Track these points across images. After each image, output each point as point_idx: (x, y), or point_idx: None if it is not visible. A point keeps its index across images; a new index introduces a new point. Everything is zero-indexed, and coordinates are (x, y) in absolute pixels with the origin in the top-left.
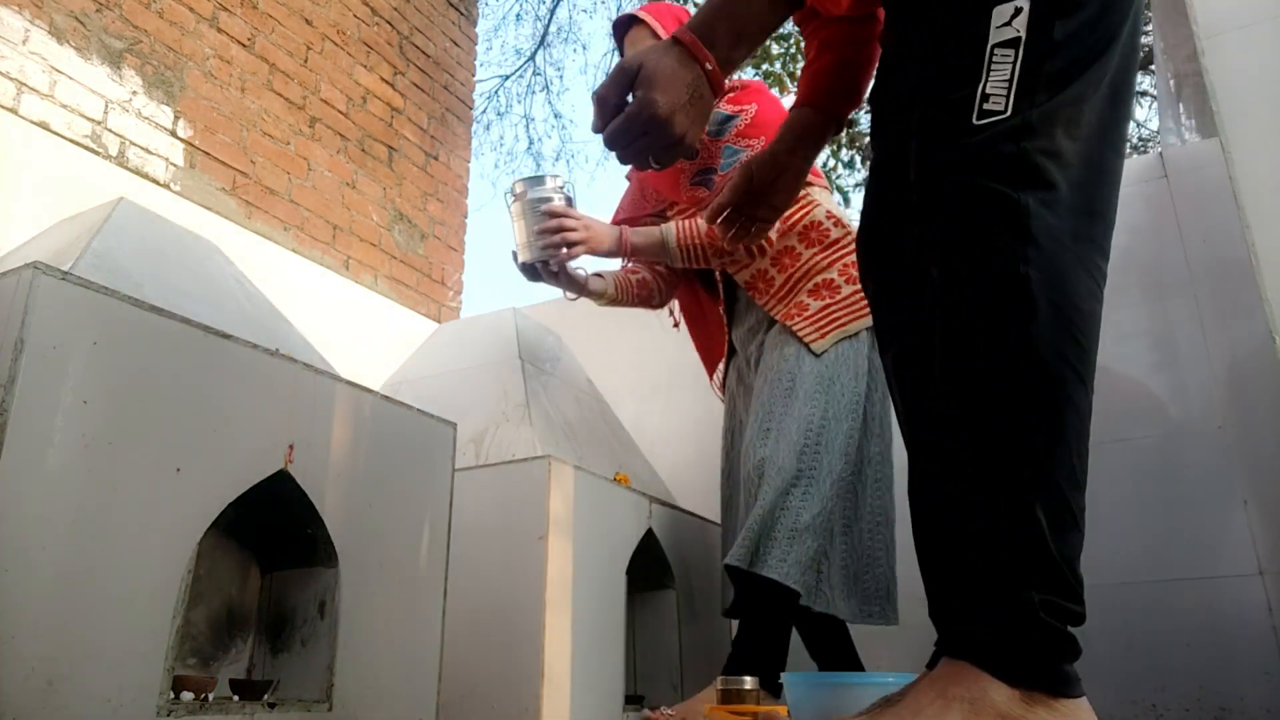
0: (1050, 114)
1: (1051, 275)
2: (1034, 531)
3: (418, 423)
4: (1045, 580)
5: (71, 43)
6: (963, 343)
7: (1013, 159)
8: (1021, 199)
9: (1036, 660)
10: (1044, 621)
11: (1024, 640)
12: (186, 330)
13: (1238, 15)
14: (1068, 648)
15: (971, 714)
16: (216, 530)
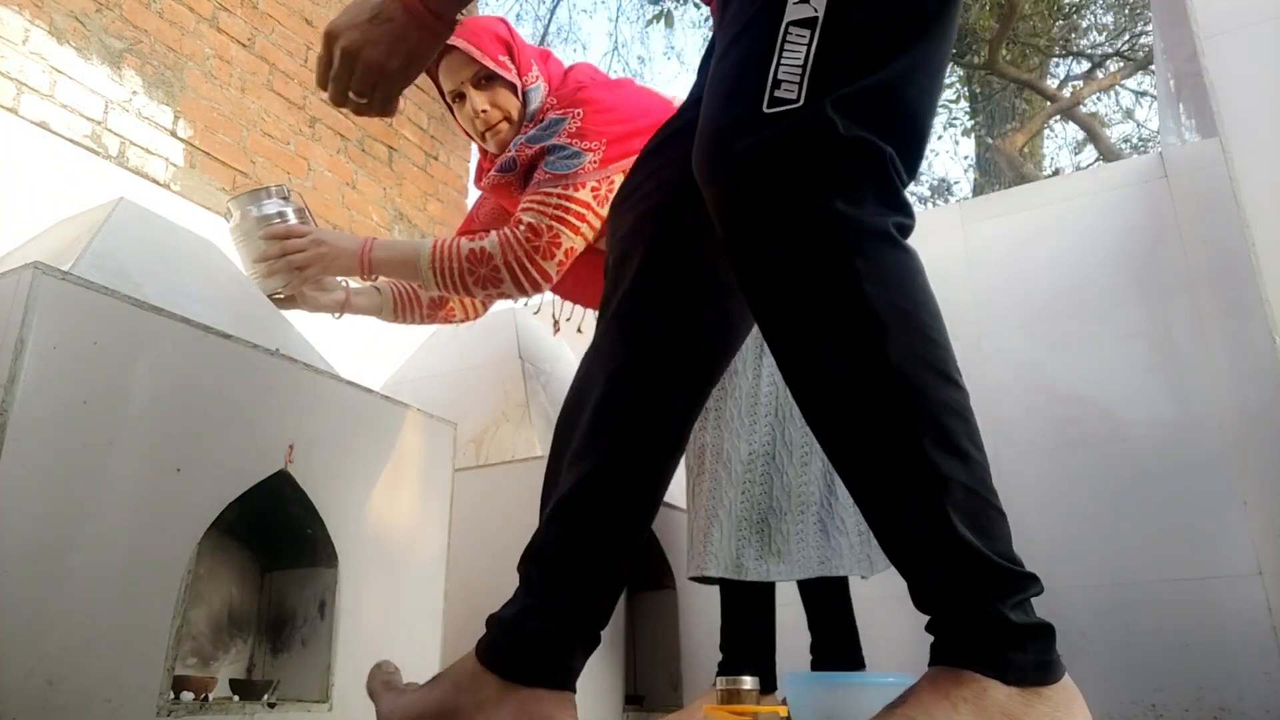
0: (848, 103)
1: (887, 281)
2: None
3: (418, 423)
4: (998, 586)
5: (71, 43)
6: (819, 379)
7: (811, 157)
8: (829, 205)
9: (1023, 659)
10: (1016, 623)
11: (1006, 644)
12: (186, 330)
13: (1238, 15)
14: (1043, 635)
15: (979, 714)
16: (216, 530)
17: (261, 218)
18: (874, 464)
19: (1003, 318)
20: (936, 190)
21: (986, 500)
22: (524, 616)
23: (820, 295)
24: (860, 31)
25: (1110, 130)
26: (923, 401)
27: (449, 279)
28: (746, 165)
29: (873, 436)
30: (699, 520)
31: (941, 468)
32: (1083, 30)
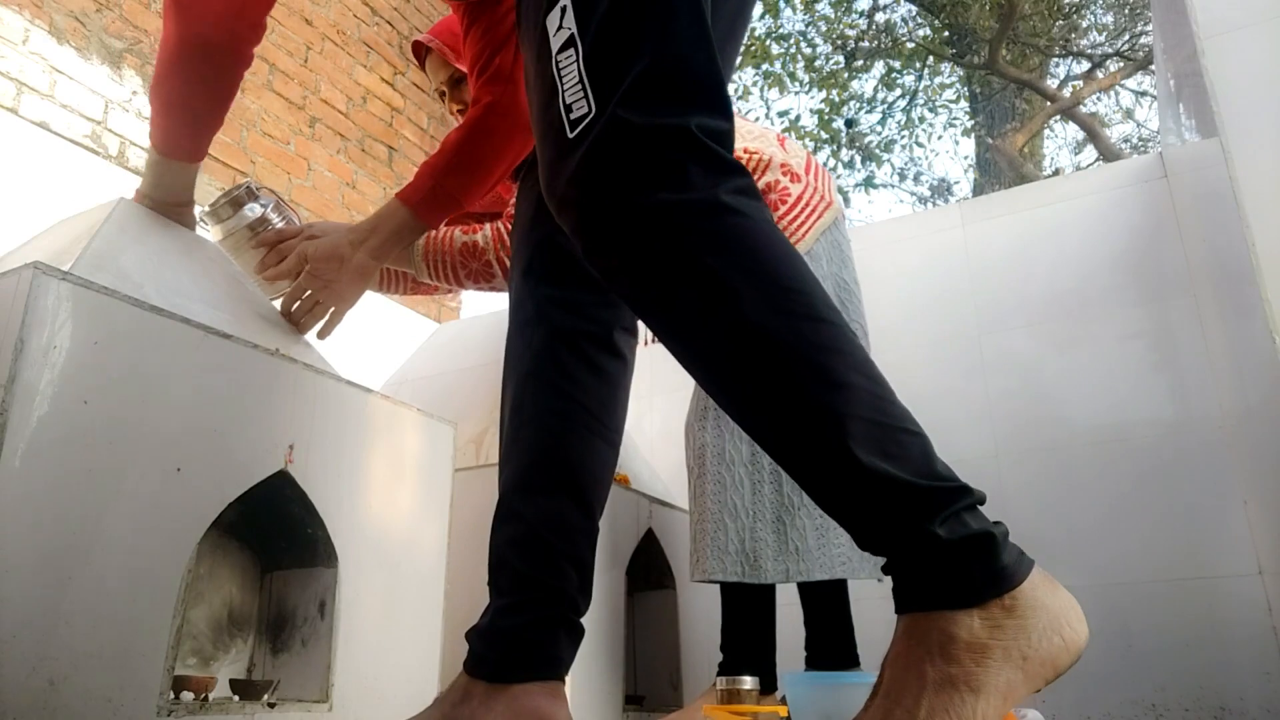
0: (632, 96)
1: (729, 248)
2: (879, 475)
3: (418, 423)
4: (921, 506)
5: (71, 43)
6: (704, 361)
7: (620, 161)
8: (652, 199)
9: (971, 575)
10: (950, 540)
11: (947, 565)
12: (186, 330)
13: (1238, 15)
14: (985, 543)
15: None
16: (216, 530)
17: (247, 227)
18: (774, 423)
19: (1003, 318)
20: (936, 190)
21: (890, 425)
22: (496, 617)
23: (673, 284)
24: (611, 26)
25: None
26: (796, 349)
27: (441, 270)
28: (572, 191)
29: (763, 397)
30: (705, 523)
31: (832, 406)
32: (1083, 30)
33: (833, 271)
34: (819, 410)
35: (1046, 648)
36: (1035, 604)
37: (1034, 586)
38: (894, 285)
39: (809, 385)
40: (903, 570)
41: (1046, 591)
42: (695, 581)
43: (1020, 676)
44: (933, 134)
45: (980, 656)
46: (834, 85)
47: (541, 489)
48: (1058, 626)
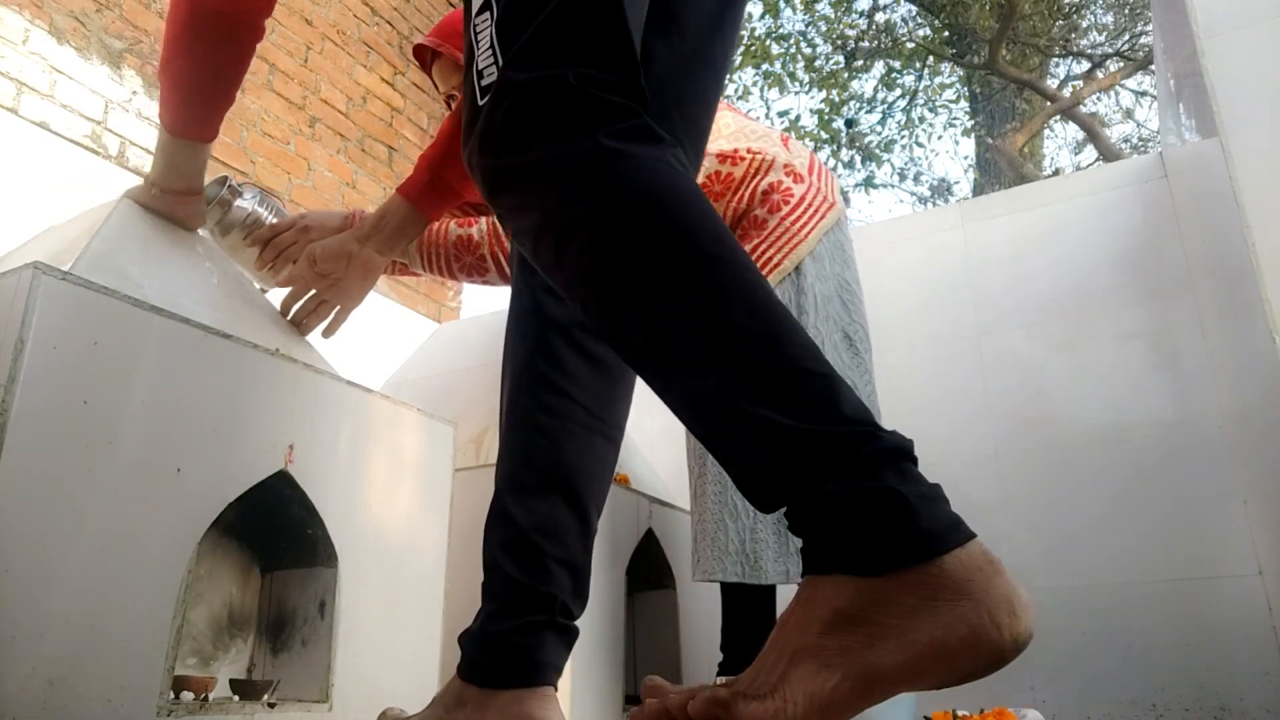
0: (525, 54)
1: (606, 190)
2: (770, 423)
3: (418, 423)
4: (809, 457)
5: (71, 43)
6: (595, 313)
7: (507, 121)
8: (532, 156)
9: (868, 540)
10: (837, 495)
11: (844, 527)
12: (186, 330)
13: (1238, 15)
14: (895, 500)
15: (817, 634)
16: (216, 530)
17: (240, 227)
18: (659, 372)
19: (1003, 318)
20: (936, 190)
21: (780, 367)
22: (487, 622)
23: (560, 238)
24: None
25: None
26: (674, 291)
27: (434, 262)
28: (473, 159)
29: (648, 347)
30: (706, 523)
31: (712, 347)
32: (1083, 30)
33: (835, 272)
34: (698, 352)
35: (949, 639)
36: (956, 585)
37: (962, 565)
38: (894, 285)
39: (687, 328)
40: (800, 528)
41: (981, 574)
42: (696, 581)
43: (898, 664)
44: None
45: (854, 631)
46: (834, 85)
47: (532, 489)
48: (976, 618)
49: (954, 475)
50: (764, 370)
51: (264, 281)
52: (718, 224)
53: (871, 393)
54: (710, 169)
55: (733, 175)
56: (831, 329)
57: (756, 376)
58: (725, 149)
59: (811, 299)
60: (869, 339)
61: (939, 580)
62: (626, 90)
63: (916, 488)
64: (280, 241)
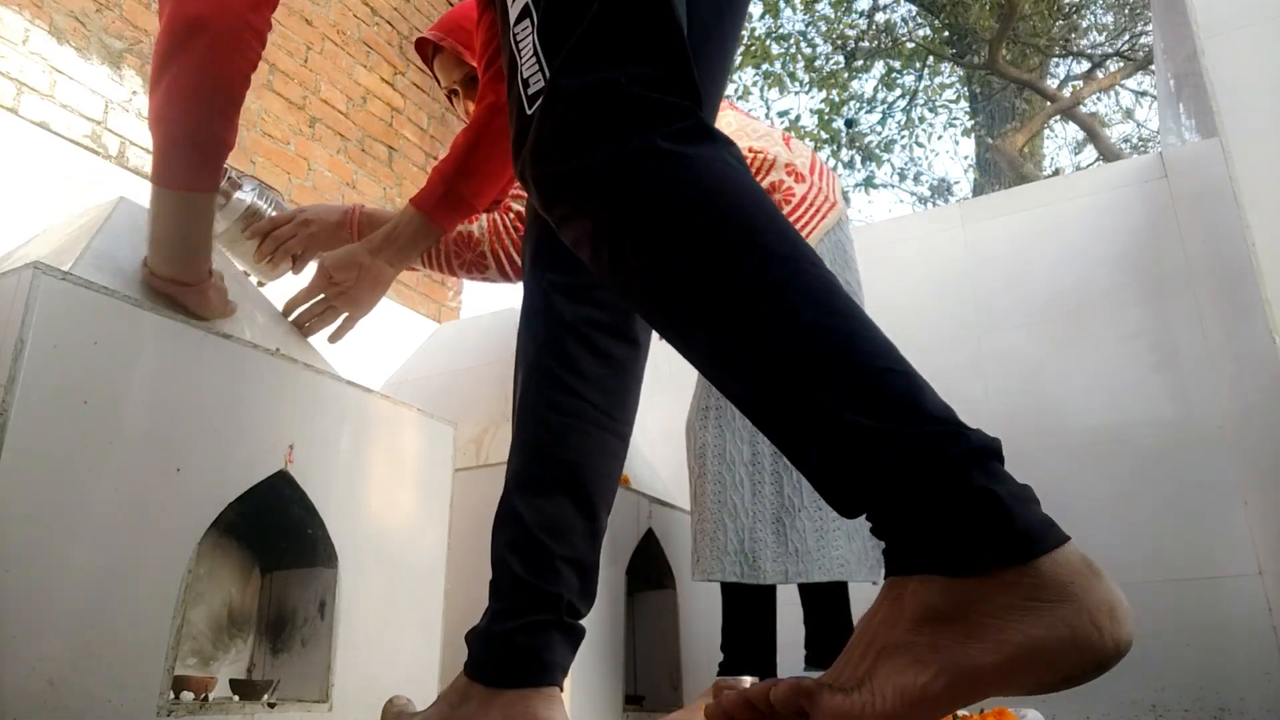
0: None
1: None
2: (859, 428)
3: (418, 423)
4: (910, 457)
5: (71, 43)
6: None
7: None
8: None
9: (964, 539)
10: (942, 499)
11: (938, 527)
12: (186, 330)
13: (1238, 15)
14: (989, 500)
15: (907, 631)
16: (216, 530)
17: (239, 220)
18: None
19: (1003, 318)
20: (936, 190)
21: (862, 365)
22: (492, 621)
23: (621, 243)
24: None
25: (1110, 130)
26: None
27: (435, 259)
28: (527, 169)
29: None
30: (705, 523)
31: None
32: (1083, 30)
33: (836, 272)
34: (771, 356)
35: (1050, 640)
36: (1057, 587)
37: (1060, 567)
38: (894, 285)
39: (756, 332)
40: (884, 531)
41: (1081, 577)
42: (695, 581)
43: (995, 664)
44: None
45: (949, 628)
46: (834, 85)
47: (539, 489)
48: (1077, 621)
49: None
50: (843, 372)
51: (262, 274)
52: (779, 221)
53: None
54: None
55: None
56: None
57: (835, 378)
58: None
59: None
60: None
61: (1038, 582)
62: (680, 88)
63: (1009, 487)
64: (280, 235)
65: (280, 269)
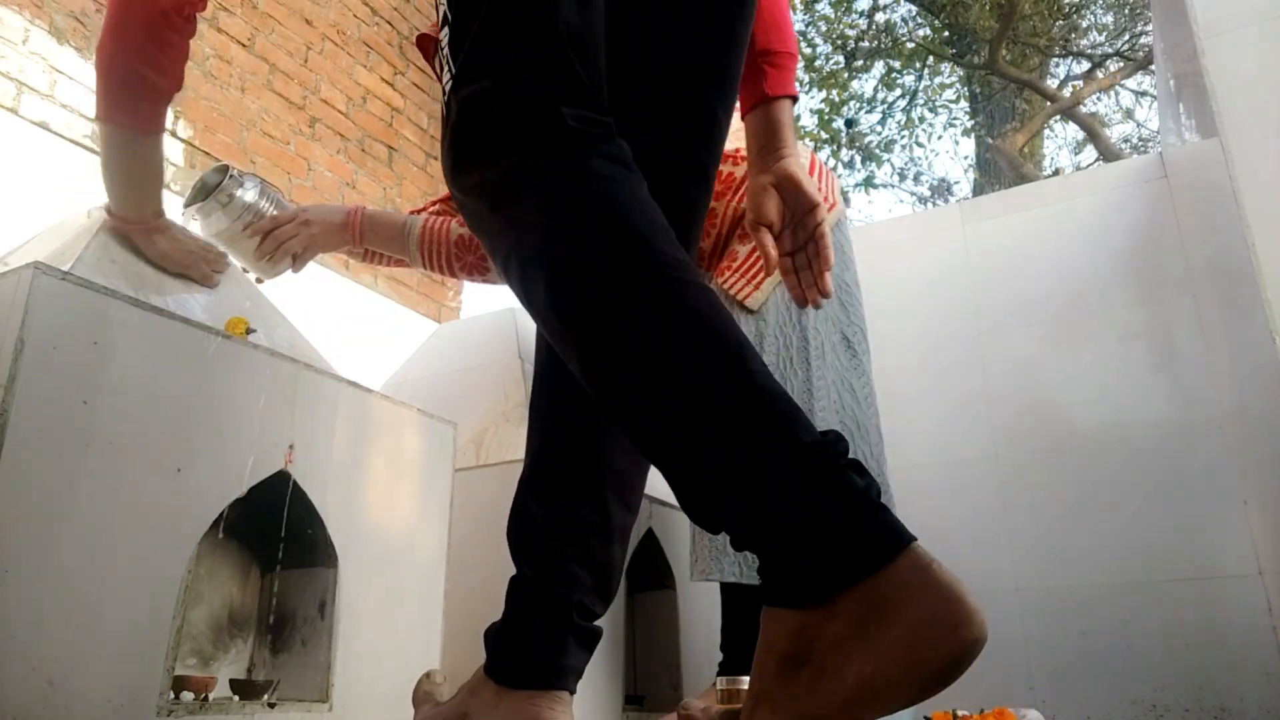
0: (465, 68)
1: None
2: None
3: (418, 423)
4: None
5: (71, 43)
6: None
7: (450, 134)
8: (464, 180)
9: (795, 570)
10: (780, 522)
11: (779, 557)
12: (186, 330)
13: (1238, 15)
14: (819, 519)
15: (759, 678)
16: (216, 530)
17: (238, 217)
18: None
19: (1003, 318)
20: (936, 190)
21: (727, 393)
22: (506, 622)
23: (503, 262)
24: (454, 4)
25: (1110, 130)
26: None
27: (435, 259)
28: (444, 171)
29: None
30: None
31: (655, 378)
32: (1083, 30)
33: (835, 274)
34: (643, 376)
35: (879, 677)
36: (877, 610)
37: (884, 584)
38: (894, 285)
39: (627, 350)
40: (751, 550)
41: (905, 591)
42: (694, 581)
43: (838, 706)
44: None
45: (798, 674)
46: (834, 85)
47: (551, 487)
48: (904, 646)
49: (954, 475)
50: (714, 399)
51: (262, 272)
52: (657, 236)
53: (869, 394)
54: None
55: (733, 175)
56: (830, 330)
57: (703, 402)
58: (727, 148)
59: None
60: (867, 340)
61: (863, 608)
62: (563, 96)
63: (847, 499)
64: (280, 234)
65: (280, 267)
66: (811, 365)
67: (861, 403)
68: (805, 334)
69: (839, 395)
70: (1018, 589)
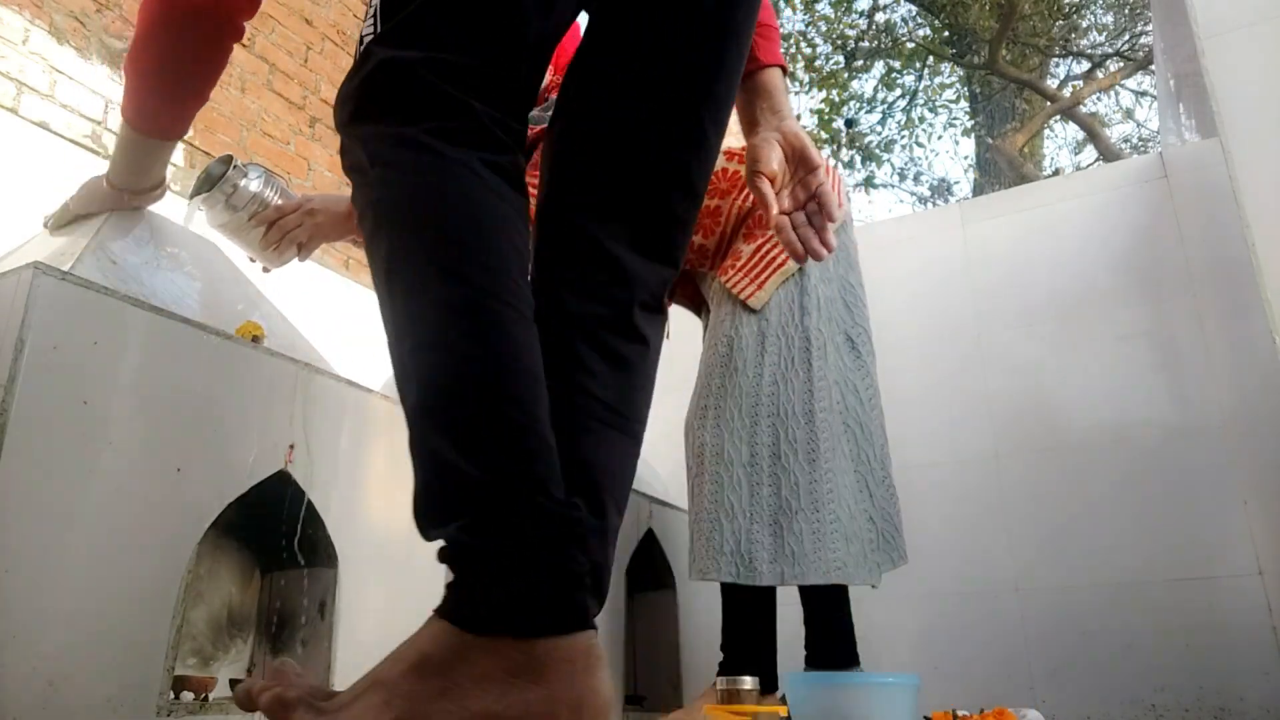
0: (399, 24)
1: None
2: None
3: None
4: (474, 508)
5: (71, 43)
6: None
7: (356, 92)
8: (350, 132)
9: (474, 595)
10: (480, 551)
11: (467, 577)
12: (186, 330)
13: (1238, 15)
14: (520, 575)
15: (392, 665)
16: (216, 530)
17: (243, 207)
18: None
19: (1003, 318)
20: (936, 190)
21: (484, 402)
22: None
23: (361, 224)
24: None
25: (1110, 130)
26: (393, 306)
27: None
28: (335, 114)
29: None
30: (702, 523)
31: (421, 371)
32: (1083, 30)
33: (839, 274)
34: (409, 366)
35: (515, 715)
36: (537, 670)
37: (557, 651)
38: (894, 285)
39: (402, 337)
40: (447, 563)
41: (567, 667)
42: (692, 580)
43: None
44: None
45: (430, 680)
46: (834, 85)
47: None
48: (537, 708)
49: (953, 474)
50: (464, 408)
51: (267, 261)
52: (483, 244)
53: (874, 395)
54: (718, 165)
55: (739, 173)
56: (834, 331)
57: (449, 409)
58: (734, 146)
59: (814, 299)
60: (871, 341)
61: (525, 660)
62: (474, 83)
63: (556, 567)
64: (286, 223)
65: (285, 257)
66: (813, 365)
67: (865, 404)
68: (808, 334)
69: (841, 395)
70: (1018, 589)
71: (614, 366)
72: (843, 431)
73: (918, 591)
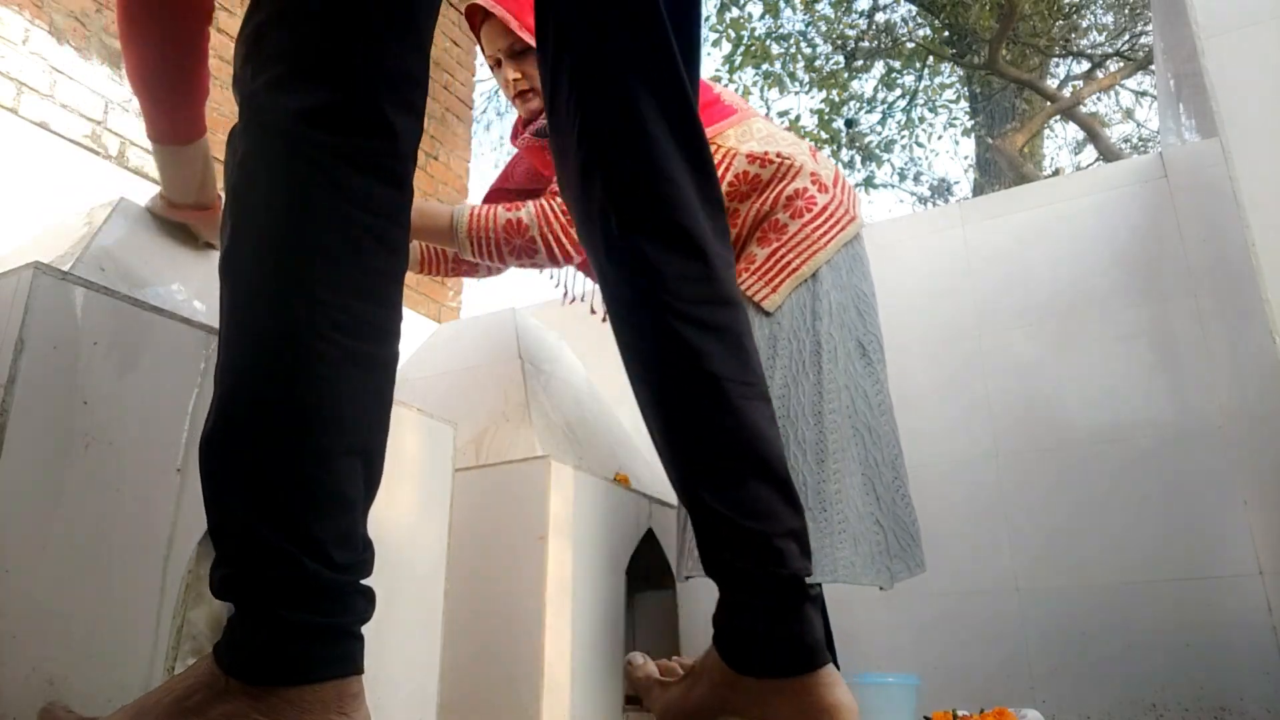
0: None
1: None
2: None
3: (417, 423)
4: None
5: (71, 43)
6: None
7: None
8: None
9: (229, 641)
10: (256, 617)
11: (229, 618)
12: (186, 330)
13: (1238, 15)
14: (269, 628)
15: (162, 691)
16: None
17: None
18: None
19: (1003, 318)
20: (936, 190)
21: (272, 455)
22: (730, 612)
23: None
24: None
25: (1110, 130)
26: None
27: (484, 248)
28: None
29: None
30: (688, 522)
31: (222, 391)
32: (1083, 30)
33: (852, 282)
34: (220, 377)
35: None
36: (276, 713)
37: (303, 701)
38: (894, 285)
39: (223, 338)
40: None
41: (310, 714)
42: (680, 580)
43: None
44: (933, 134)
45: (184, 708)
46: (834, 85)
47: (733, 475)
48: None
49: (953, 474)
50: (252, 453)
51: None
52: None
53: (884, 402)
54: (739, 169)
55: (759, 177)
56: (845, 337)
57: (239, 447)
58: (755, 150)
59: (826, 305)
60: (882, 349)
61: (279, 703)
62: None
63: (305, 621)
64: None
65: None
66: (823, 369)
67: (875, 409)
68: (819, 339)
69: (851, 400)
70: (1018, 589)
71: (718, 340)
72: (851, 435)
73: (918, 591)
